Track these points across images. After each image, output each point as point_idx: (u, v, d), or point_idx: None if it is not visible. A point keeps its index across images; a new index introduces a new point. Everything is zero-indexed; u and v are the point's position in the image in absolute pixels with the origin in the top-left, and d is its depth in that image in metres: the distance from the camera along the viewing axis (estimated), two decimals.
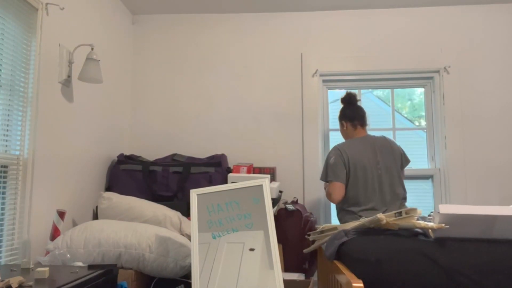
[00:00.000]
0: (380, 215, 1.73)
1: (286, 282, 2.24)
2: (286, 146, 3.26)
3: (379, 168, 2.52)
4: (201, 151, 3.29)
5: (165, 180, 2.75)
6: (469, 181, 3.10)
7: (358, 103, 2.80)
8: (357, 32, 3.34)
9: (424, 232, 1.66)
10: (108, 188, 2.89)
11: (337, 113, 2.84)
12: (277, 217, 2.72)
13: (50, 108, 2.27)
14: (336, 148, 2.61)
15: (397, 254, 1.56)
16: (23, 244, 2.06)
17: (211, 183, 2.75)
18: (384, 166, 2.53)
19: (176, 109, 3.37)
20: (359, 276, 1.57)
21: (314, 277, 2.77)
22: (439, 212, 1.54)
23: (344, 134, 2.80)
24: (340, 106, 2.86)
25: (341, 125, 2.79)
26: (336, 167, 2.52)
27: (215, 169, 2.78)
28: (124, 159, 2.95)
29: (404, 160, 2.66)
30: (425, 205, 3.17)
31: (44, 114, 2.21)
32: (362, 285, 1.48)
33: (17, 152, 2.05)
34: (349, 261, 1.69)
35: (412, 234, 1.67)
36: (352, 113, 2.74)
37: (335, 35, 3.35)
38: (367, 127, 2.76)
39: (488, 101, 3.17)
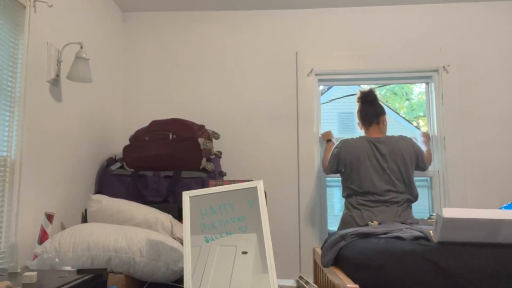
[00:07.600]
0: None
1: None
2: (280, 146, 3.21)
3: (387, 174, 2.57)
4: None
5: (156, 184, 2.69)
6: (468, 183, 3.06)
7: (375, 99, 2.79)
8: (353, 30, 3.29)
9: (426, 236, 1.62)
10: (98, 193, 2.82)
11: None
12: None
13: (38, 108, 2.22)
14: (340, 144, 2.72)
15: (399, 258, 1.52)
16: (11, 248, 2.01)
17: (203, 188, 2.69)
18: (391, 171, 2.58)
19: (167, 109, 3.31)
20: (359, 282, 1.53)
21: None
22: (442, 216, 1.50)
23: (361, 129, 2.83)
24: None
25: (358, 122, 2.83)
26: (332, 158, 2.76)
27: (208, 173, 2.71)
28: (114, 163, 2.88)
29: (420, 161, 2.68)
30: (423, 207, 3.13)
31: (32, 114, 2.16)
32: None
33: (4, 154, 2.00)
34: (348, 267, 1.64)
35: (413, 238, 1.63)
36: (363, 113, 2.76)
37: (331, 33, 3.30)
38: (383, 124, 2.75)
39: (488, 100, 3.13)
